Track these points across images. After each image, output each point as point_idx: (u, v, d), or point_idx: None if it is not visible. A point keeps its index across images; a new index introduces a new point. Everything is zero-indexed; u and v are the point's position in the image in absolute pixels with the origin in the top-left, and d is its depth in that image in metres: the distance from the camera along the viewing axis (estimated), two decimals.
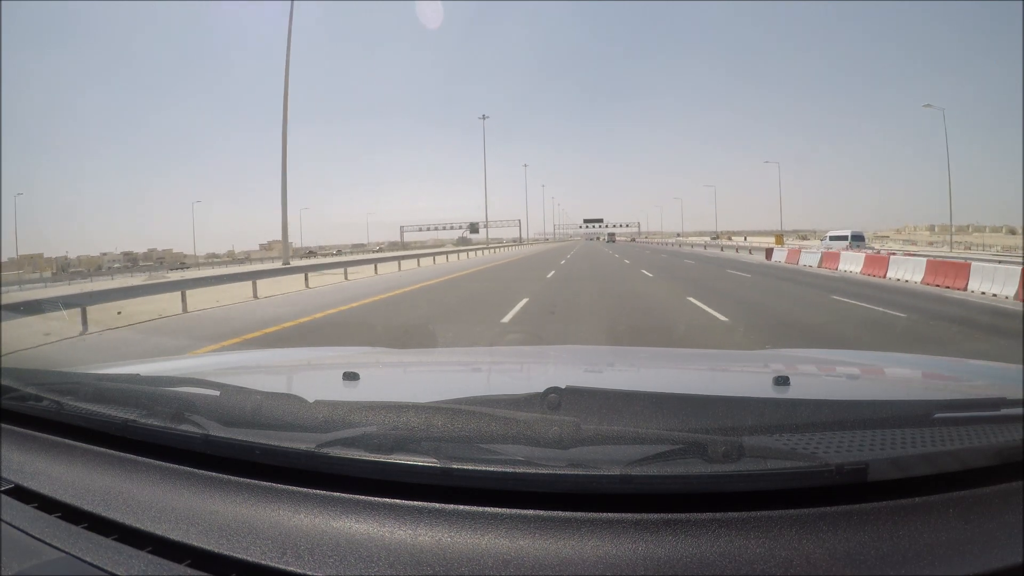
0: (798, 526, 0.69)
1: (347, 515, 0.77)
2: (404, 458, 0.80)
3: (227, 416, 0.94)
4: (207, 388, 1.05)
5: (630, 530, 0.70)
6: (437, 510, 0.76)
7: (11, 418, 1.14)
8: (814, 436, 0.77)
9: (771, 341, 6.60)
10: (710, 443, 0.74)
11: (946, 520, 0.70)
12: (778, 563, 0.64)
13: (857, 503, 0.72)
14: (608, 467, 0.75)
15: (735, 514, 0.71)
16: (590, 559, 0.66)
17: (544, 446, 0.77)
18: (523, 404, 0.84)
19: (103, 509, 0.84)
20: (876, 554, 0.65)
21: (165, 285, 11.78)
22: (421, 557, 0.68)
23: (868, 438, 0.78)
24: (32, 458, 1.02)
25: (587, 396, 0.87)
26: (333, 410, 0.90)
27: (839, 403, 0.91)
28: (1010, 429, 0.79)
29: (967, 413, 0.88)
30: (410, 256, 30.19)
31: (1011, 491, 0.74)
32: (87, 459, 1.00)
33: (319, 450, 0.84)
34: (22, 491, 0.93)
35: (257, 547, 0.72)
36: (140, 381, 1.22)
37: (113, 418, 1.02)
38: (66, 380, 1.22)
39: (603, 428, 0.78)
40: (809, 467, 0.73)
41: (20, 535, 0.81)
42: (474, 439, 0.80)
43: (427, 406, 0.86)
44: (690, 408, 0.84)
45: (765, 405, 0.87)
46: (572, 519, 0.72)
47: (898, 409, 0.90)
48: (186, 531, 0.77)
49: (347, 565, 0.68)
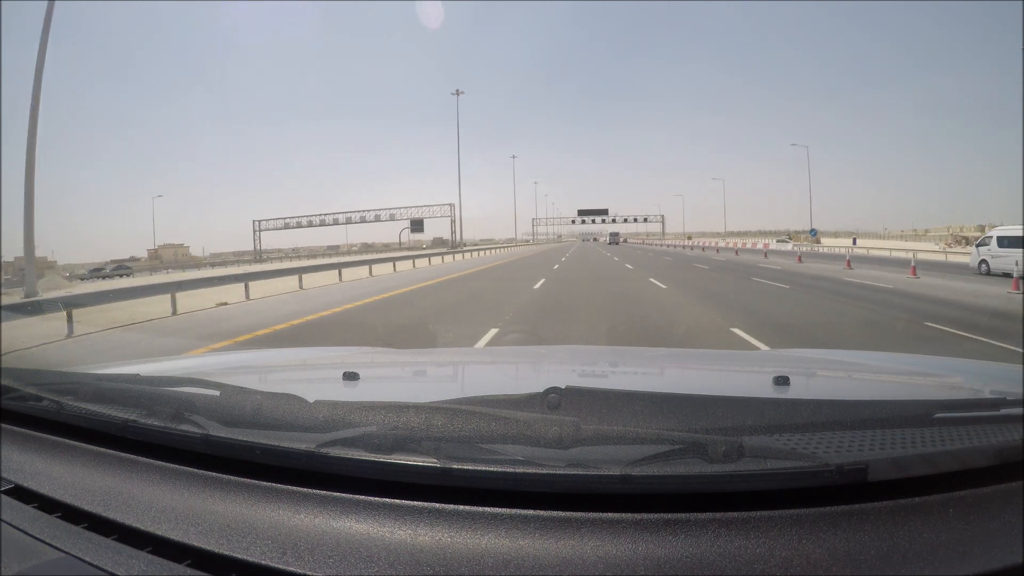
0: (798, 526, 0.69)
1: (347, 515, 0.77)
2: (404, 458, 0.80)
3: (227, 416, 0.94)
4: (207, 388, 1.05)
5: (630, 530, 0.70)
6: (437, 510, 0.76)
7: (11, 418, 1.14)
8: (814, 436, 0.77)
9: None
10: (710, 443, 0.74)
11: (946, 520, 0.70)
12: (778, 563, 0.64)
13: (857, 503, 0.72)
14: (608, 467, 0.75)
15: (735, 514, 0.71)
16: (590, 559, 0.66)
17: (544, 446, 0.77)
18: (523, 404, 0.84)
19: (103, 509, 0.84)
20: (876, 554, 0.65)
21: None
22: (421, 557, 0.68)
23: (868, 438, 0.78)
24: (32, 458, 1.02)
25: (587, 396, 0.87)
26: (333, 410, 0.90)
27: (839, 403, 0.92)
28: (1010, 429, 0.79)
29: (967, 413, 0.88)
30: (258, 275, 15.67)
31: (1011, 491, 0.74)
32: (87, 459, 1.00)
33: (319, 450, 0.84)
34: (22, 491, 0.93)
35: (257, 547, 0.72)
36: (140, 381, 1.22)
37: (113, 418, 1.02)
38: (66, 380, 1.22)
39: (603, 428, 0.78)
40: (809, 467, 0.73)
41: (20, 535, 0.81)
42: (474, 439, 0.80)
43: (427, 406, 0.86)
44: (690, 408, 0.84)
45: (765, 405, 0.87)
46: (572, 519, 0.72)
47: (898, 409, 0.90)
48: (186, 531, 0.77)
49: (347, 565, 0.68)
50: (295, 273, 16.66)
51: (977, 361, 1.87)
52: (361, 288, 15.65)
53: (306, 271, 17.48)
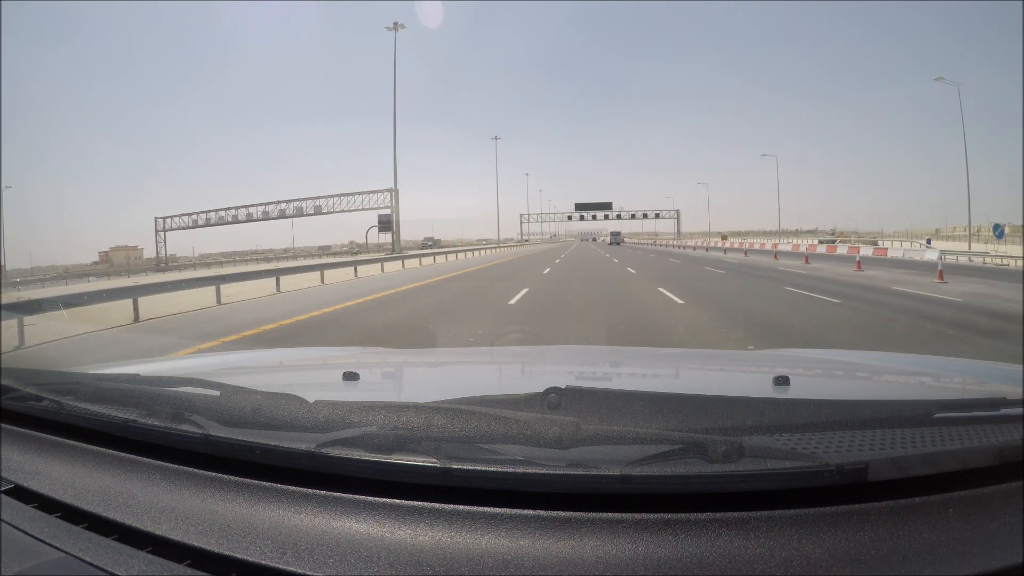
0: (798, 526, 0.69)
1: (347, 515, 0.77)
2: (404, 458, 0.80)
3: (227, 416, 0.94)
4: (207, 388, 1.05)
5: (630, 530, 0.70)
6: (437, 510, 0.76)
7: (11, 418, 1.14)
8: (814, 436, 0.77)
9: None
10: (710, 443, 0.74)
11: (946, 520, 0.70)
12: (778, 563, 0.64)
13: (857, 503, 0.72)
14: (608, 467, 0.75)
15: (735, 514, 0.71)
16: (590, 559, 0.66)
17: (544, 446, 0.77)
18: (523, 404, 0.84)
19: (103, 509, 0.84)
20: (876, 554, 0.65)
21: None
22: (421, 557, 0.68)
23: (868, 438, 0.78)
24: (32, 458, 1.02)
25: (587, 396, 0.87)
26: (333, 410, 0.90)
27: (839, 403, 0.91)
28: (1010, 429, 0.79)
29: (967, 413, 0.88)
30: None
31: (1011, 491, 0.74)
32: (87, 459, 1.00)
33: (319, 450, 0.84)
34: (22, 491, 0.93)
35: (257, 547, 0.72)
36: (140, 381, 1.22)
37: (113, 418, 1.02)
38: (66, 380, 1.22)
39: (603, 428, 0.78)
40: (809, 467, 0.73)
41: (20, 535, 0.81)
42: (474, 439, 0.80)
43: (427, 406, 0.86)
44: (690, 408, 0.84)
45: (765, 405, 0.87)
46: (572, 519, 0.72)
47: (898, 409, 0.90)
48: (186, 531, 0.77)
49: (347, 565, 0.68)
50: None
51: (977, 361, 1.87)
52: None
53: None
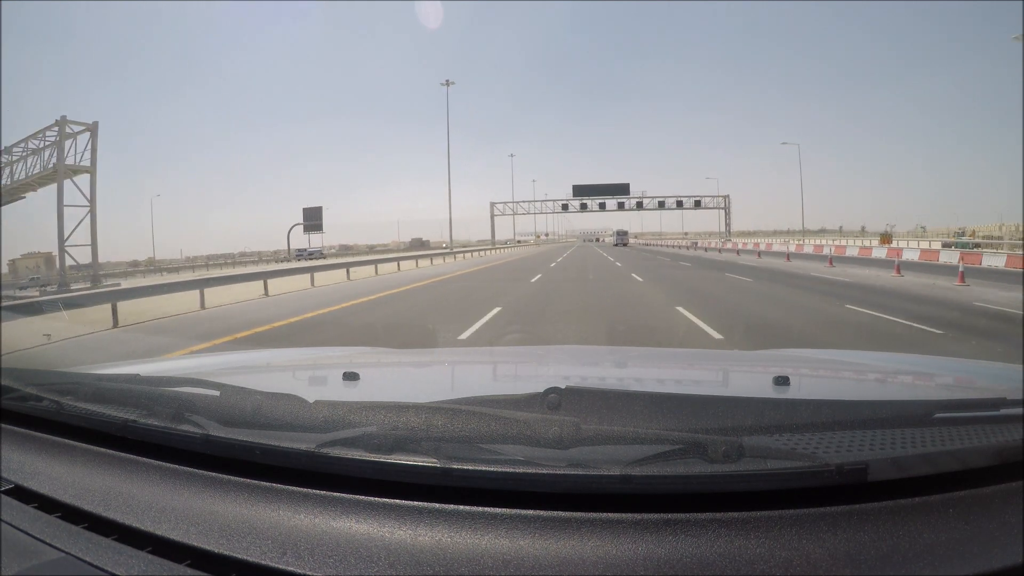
0: (798, 526, 0.69)
1: (347, 515, 0.77)
2: (404, 458, 0.80)
3: (227, 416, 0.94)
4: (207, 388, 1.05)
5: (630, 530, 0.70)
6: (437, 510, 0.76)
7: (11, 418, 1.14)
8: (814, 436, 0.77)
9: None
10: (710, 443, 0.74)
11: (946, 520, 0.70)
12: (778, 563, 0.64)
13: (857, 503, 0.72)
14: (608, 467, 0.75)
15: (735, 514, 0.71)
16: (590, 559, 0.66)
17: (544, 446, 0.77)
18: (523, 404, 0.84)
19: (103, 509, 0.84)
20: (876, 554, 0.65)
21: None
22: (421, 557, 0.69)
23: (868, 438, 0.78)
24: (32, 458, 1.02)
25: (587, 396, 0.87)
26: (333, 410, 0.90)
27: (839, 403, 0.91)
28: (1010, 429, 0.79)
29: (967, 413, 0.88)
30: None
31: (1011, 491, 0.74)
32: (87, 459, 1.00)
33: (319, 450, 0.84)
34: (22, 491, 0.93)
35: (257, 547, 0.72)
36: (140, 381, 1.22)
37: (113, 418, 1.02)
38: (66, 380, 1.22)
39: (603, 428, 0.78)
40: (809, 467, 0.73)
41: (20, 535, 0.81)
42: (474, 439, 0.80)
43: (427, 406, 0.86)
44: (690, 408, 0.84)
45: (765, 405, 0.87)
46: (572, 519, 0.72)
47: (898, 409, 0.90)
48: (186, 531, 0.77)
49: (347, 565, 0.68)
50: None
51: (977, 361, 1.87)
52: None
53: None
